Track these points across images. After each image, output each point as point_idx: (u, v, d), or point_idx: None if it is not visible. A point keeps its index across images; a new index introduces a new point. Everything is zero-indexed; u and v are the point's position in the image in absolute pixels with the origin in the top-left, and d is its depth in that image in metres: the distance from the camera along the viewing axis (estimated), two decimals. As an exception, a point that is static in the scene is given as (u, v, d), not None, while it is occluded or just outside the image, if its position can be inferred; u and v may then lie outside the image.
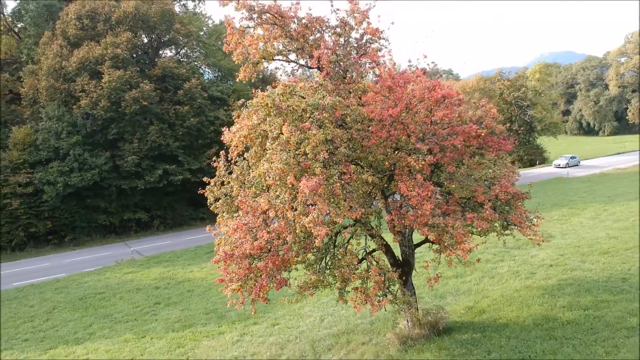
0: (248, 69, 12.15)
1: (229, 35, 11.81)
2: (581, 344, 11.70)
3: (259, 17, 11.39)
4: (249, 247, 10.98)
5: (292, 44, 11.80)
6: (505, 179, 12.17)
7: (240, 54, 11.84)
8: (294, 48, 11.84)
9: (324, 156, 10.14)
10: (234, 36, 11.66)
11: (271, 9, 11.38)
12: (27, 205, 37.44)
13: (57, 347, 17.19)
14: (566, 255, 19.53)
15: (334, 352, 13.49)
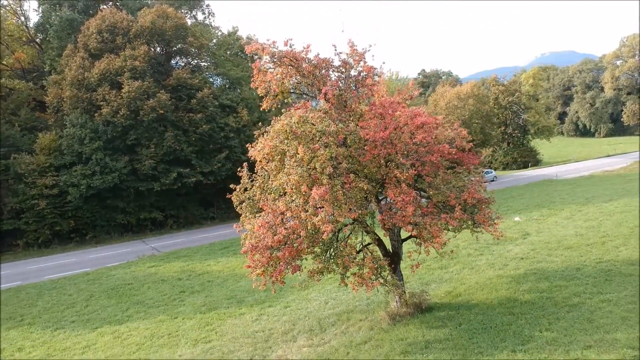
0: (270, 100, 15.31)
1: (255, 74, 14.98)
2: (531, 317, 14.82)
3: (279, 60, 14.54)
4: (270, 240, 14.10)
5: (304, 80, 14.94)
6: (472, 187, 15.28)
7: (263, 88, 15.00)
8: (305, 84, 14.99)
9: (329, 170, 13.28)
10: (259, 75, 14.83)
11: (288, 54, 14.53)
12: (52, 205, 40.66)
13: (102, 327, 20.33)
14: (536, 250, 22.65)
15: (337, 327, 16.62)
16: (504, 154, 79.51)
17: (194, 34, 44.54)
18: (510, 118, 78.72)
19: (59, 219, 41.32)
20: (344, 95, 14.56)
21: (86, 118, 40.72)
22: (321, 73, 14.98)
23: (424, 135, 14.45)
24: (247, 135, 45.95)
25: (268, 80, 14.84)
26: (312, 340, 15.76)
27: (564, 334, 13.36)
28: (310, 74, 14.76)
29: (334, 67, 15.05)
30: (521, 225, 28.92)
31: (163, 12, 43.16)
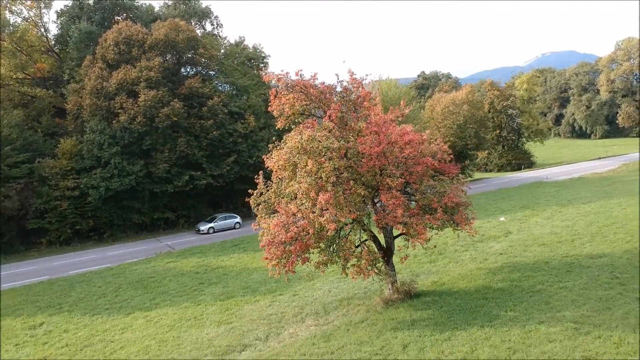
0: (283, 120, 18.34)
1: (272, 99, 18.04)
2: (500, 301, 17.82)
3: (291, 87, 17.57)
4: (283, 237, 17.15)
5: (311, 104, 17.97)
6: (452, 192, 18.29)
7: (278, 110, 18.04)
8: (312, 106, 18.01)
9: (333, 179, 16.34)
10: (275, 100, 17.88)
11: (298, 82, 17.56)
12: (73, 206, 43.67)
13: (134, 313, 23.39)
14: (514, 247, 25.67)
15: (339, 310, 19.65)
16: (499, 156, 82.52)
17: (205, 45, 47.55)
18: (505, 121, 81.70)
19: (79, 218, 44.32)
20: (345, 117, 17.59)
21: (105, 125, 43.72)
22: (326, 97, 18.00)
23: (410, 150, 17.49)
24: (254, 140, 49.10)
25: (282, 104, 17.85)
26: (318, 321, 18.79)
27: (524, 313, 16.39)
28: (316, 98, 17.81)
29: (336, 93, 18.07)
30: (505, 224, 31.94)
31: (176, 25, 46.16)
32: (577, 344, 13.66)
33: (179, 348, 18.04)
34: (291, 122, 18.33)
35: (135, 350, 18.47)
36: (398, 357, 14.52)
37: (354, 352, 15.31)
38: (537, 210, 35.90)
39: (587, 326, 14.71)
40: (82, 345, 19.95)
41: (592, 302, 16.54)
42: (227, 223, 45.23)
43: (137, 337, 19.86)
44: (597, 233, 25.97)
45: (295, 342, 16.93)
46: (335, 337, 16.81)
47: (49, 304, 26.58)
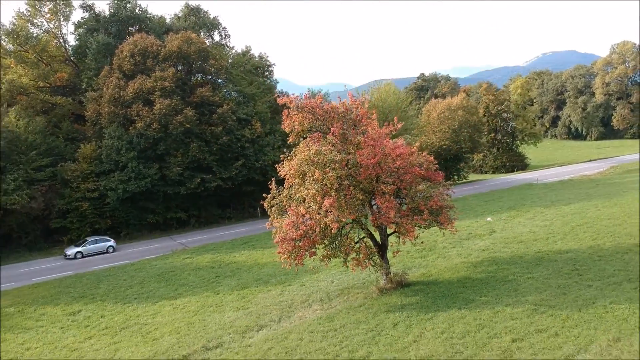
0: (294, 136, 21.60)
1: (284, 119, 21.31)
2: (477, 289, 21.08)
3: (301, 108, 20.84)
4: (294, 234, 20.40)
5: (317, 122, 21.23)
6: (437, 196, 21.54)
7: (289, 127, 21.30)
8: (318, 124, 21.27)
9: (336, 186, 19.59)
10: (287, 119, 21.16)
11: (307, 104, 20.83)
12: (93, 206, 47.02)
13: (161, 301, 26.67)
14: (495, 244, 28.92)
15: (341, 297, 22.90)
16: (494, 159, 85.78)
17: (215, 56, 50.84)
18: (500, 125, 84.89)
19: (98, 218, 47.68)
20: (346, 133, 20.85)
21: (122, 131, 47.03)
22: (330, 116, 21.27)
23: (401, 162, 20.77)
24: (260, 145, 52.38)
25: (293, 122, 21.12)
26: (322, 306, 22.06)
27: (495, 298, 19.66)
28: (322, 117, 21.07)
29: (339, 113, 21.33)
30: (491, 224, 35.19)
31: (188, 37, 49.44)
32: (533, 321, 16.90)
33: (205, 329, 21.32)
34: (300, 137, 21.57)
35: (167, 330, 21.75)
36: (389, 333, 17.78)
37: (352, 329, 18.57)
38: (522, 211, 39.12)
39: (544, 307, 17.95)
40: (120, 327, 23.25)
41: (552, 289, 19.79)
42: (99, 247, 42.61)
43: (167, 321, 23.15)
44: (569, 232, 29.23)
45: (303, 323, 20.20)
46: (337, 319, 20.07)
47: (82, 295, 29.88)
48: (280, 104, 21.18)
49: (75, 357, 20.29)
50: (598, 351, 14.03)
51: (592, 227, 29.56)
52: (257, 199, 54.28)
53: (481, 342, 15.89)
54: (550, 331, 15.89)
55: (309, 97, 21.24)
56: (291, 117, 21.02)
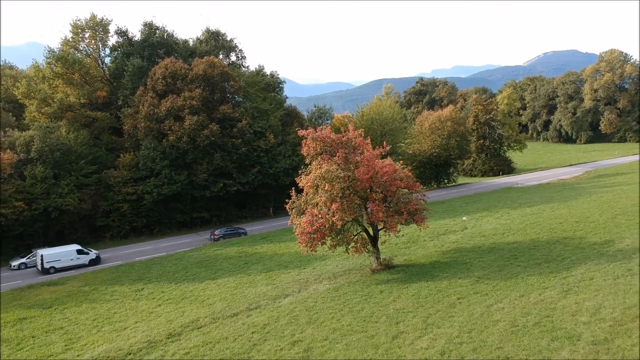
0: (310, 158, 29.66)
1: (303, 146, 29.40)
2: (442, 269, 29.13)
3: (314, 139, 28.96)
4: (309, 229, 28.52)
5: (326, 147, 29.35)
6: (414, 200, 29.65)
7: (306, 152, 29.42)
8: (327, 149, 29.38)
9: (340, 194, 27.73)
10: (305, 147, 29.26)
11: (319, 136, 28.94)
12: (131, 207, 55.21)
13: (206, 281, 34.80)
14: (464, 238, 37.01)
15: (344, 276, 30.97)
16: (482, 163, 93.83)
17: (234, 78, 58.93)
18: (488, 132, 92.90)
19: (135, 217, 55.90)
20: (348, 157, 28.99)
21: (156, 143, 55.17)
22: (336, 143, 29.40)
23: (387, 177, 28.87)
24: (273, 154, 60.50)
25: (309, 148, 29.27)
26: (330, 282, 30.15)
27: (453, 274, 27.75)
28: (329, 144, 29.22)
29: (342, 141, 29.46)
30: (465, 223, 43.26)
31: (212, 62, 57.56)
32: (474, 287, 24.98)
33: (245, 297, 29.45)
34: (313, 159, 29.68)
35: (217, 299, 29.90)
36: (377, 296, 25.90)
37: (352, 295, 26.67)
38: (493, 211, 47.18)
39: (483, 279, 26.04)
40: (179, 298, 31.43)
41: (493, 267, 27.89)
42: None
43: (215, 293, 31.32)
44: (521, 228, 37.30)
45: (317, 292, 28.32)
46: (341, 289, 28.18)
47: (140, 278, 38.05)
48: (300, 135, 29.32)
49: (152, 318, 28.40)
50: (507, 302, 22.13)
51: (539, 225, 37.64)
52: (270, 201, 63.36)
53: (437, 299, 24.02)
54: (482, 293, 23.99)
55: (321, 130, 29.41)
56: (308, 145, 29.16)
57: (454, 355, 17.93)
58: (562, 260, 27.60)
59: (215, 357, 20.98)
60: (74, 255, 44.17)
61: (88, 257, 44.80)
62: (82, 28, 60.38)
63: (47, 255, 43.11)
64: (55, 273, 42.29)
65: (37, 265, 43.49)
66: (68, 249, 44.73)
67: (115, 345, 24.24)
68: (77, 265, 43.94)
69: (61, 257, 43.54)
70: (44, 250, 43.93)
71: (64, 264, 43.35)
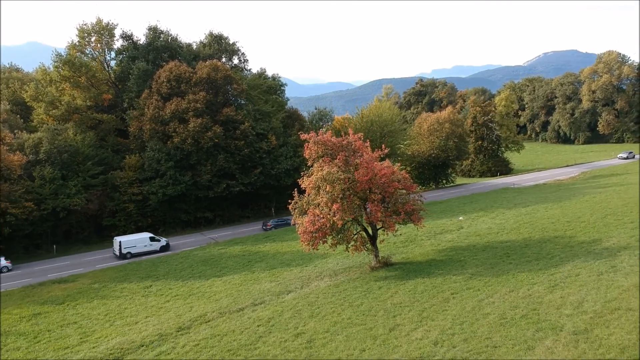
0: (312, 160, 31.09)
1: (306, 149, 30.82)
2: (438, 266, 30.55)
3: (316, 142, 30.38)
4: (311, 228, 29.96)
5: (328, 150, 30.78)
6: (412, 201, 31.08)
7: (309, 155, 30.84)
8: (328, 152, 30.81)
9: (340, 195, 29.16)
10: (307, 150, 30.68)
11: (321, 139, 30.36)
12: (137, 207, 56.65)
13: (211, 278, 36.23)
14: (460, 237, 38.43)
15: (344, 273, 32.39)
16: (480, 164, 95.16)
17: (237, 81, 60.35)
18: (486, 133, 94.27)
19: (141, 217, 57.35)
20: (348, 160, 30.43)
21: (161, 145, 56.60)
22: (336, 146, 30.84)
23: (385, 179, 30.29)
24: (275, 155, 61.90)
25: (311, 151, 30.70)
26: (331, 279, 31.58)
27: (447, 271, 29.18)
28: (331, 148, 30.66)
29: (343, 145, 30.89)
30: (461, 222, 44.68)
31: (215, 65, 59.00)
32: (467, 283, 26.41)
33: (250, 293, 30.87)
34: (315, 161, 31.12)
35: (223, 295, 31.34)
36: (375, 292, 27.33)
37: (352, 291, 28.09)
38: (489, 212, 48.61)
39: (476, 276, 27.47)
40: (187, 294, 32.87)
41: (486, 265, 29.33)
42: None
43: (221, 290, 32.76)
44: (515, 228, 38.72)
45: (318, 288, 29.76)
46: (341, 286, 29.61)
47: (147, 275, 39.47)
48: (302, 139, 30.75)
49: (162, 313, 29.83)
50: (498, 296, 23.56)
51: (532, 225, 39.06)
52: (271, 201, 64.69)
53: (432, 294, 25.45)
54: (475, 288, 25.42)
55: (323, 134, 30.84)
56: (310, 148, 30.61)
57: (446, 345, 19.35)
58: (552, 258, 29.04)
59: (223, 348, 22.41)
60: (147, 242, 47.85)
61: (159, 244, 48.35)
62: (88, 32, 61.82)
63: (125, 241, 46.85)
64: (131, 258, 45.92)
65: (115, 251, 47.23)
66: (142, 236, 48.45)
67: (128, 338, 25.66)
68: (149, 251, 47.37)
69: (136, 244, 47.34)
70: (122, 238, 47.77)
71: (138, 249, 47.05)
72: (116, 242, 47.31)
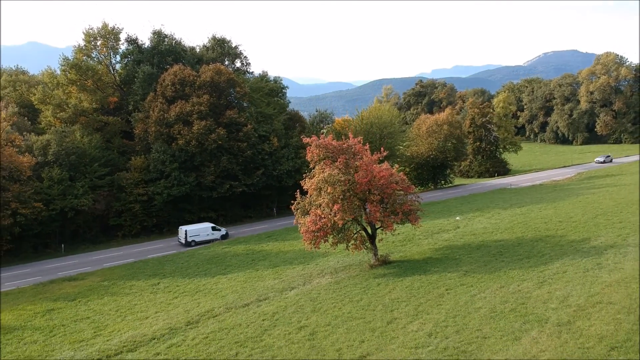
0: (314, 162, 32.53)
1: (308, 152, 32.28)
2: (433, 264, 31.99)
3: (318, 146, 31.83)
4: (313, 228, 31.42)
5: (329, 153, 32.23)
6: (409, 201, 32.52)
7: (310, 157, 32.29)
8: (329, 155, 32.26)
9: (341, 196, 30.62)
10: (309, 153, 32.13)
11: (322, 143, 31.82)
12: (142, 208, 58.09)
13: (217, 276, 37.66)
14: (456, 236, 39.88)
15: (344, 271, 33.83)
16: (479, 165, 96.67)
17: (240, 84, 61.83)
18: (484, 135, 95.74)
19: (146, 217, 58.79)
20: (348, 162, 31.88)
21: (166, 146, 58.05)
22: (337, 150, 32.29)
23: (384, 181, 31.75)
24: (277, 157, 63.37)
25: (313, 154, 32.15)
26: (332, 276, 33.03)
27: (443, 268, 30.63)
28: (332, 151, 32.11)
29: (343, 148, 32.35)
30: (458, 222, 46.12)
31: (218, 69, 60.46)
32: (461, 280, 27.84)
33: (255, 290, 32.32)
34: (316, 164, 32.57)
35: (229, 291, 32.79)
36: (374, 288, 28.77)
37: (352, 287, 29.55)
38: (485, 212, 50.05)
39: (470, 273, 28.91)
40: (194, 291, 34.32)
41: (479, 263, 30.78)
42: None
43: (227, 287, 34.21)
44: (509, 228, 40.17)
45: (320, 285, 31.21)
46: (342, 282, 31.06)
47: (154, 273, 40.91)
48: (305, 143, 32.22)
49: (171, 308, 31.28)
50: (489, 292, 25.01)
51: (526, 225, 40.52)
52: (273, 201, 66.16)
53: (427, 290, 26.91)
54: (468, 284, 26.88)
55: (324, 137, 32.33)
56: (312, 151, 32.09)
57: (439, 336, 20.80)
58: (542, 256, 30.50)
59: (231, 340, 23.86)
60: (209, 231, 52.21)
61: (220, 233, 52.49)
62: (94, 36, 63.29)
63: (190, 230, 51.26)
64: (195, 245, 50.14)
65: (181, 239, 51.59)
66: (205, 225, 52.97)
67: (140, 332, 27.10)
68: (211, 240, 51.49)
69: (200, 233, 51.63)
70: (187, 227, 52.11)
71: (202, 238, 51.31)
72: (182, 231, 51.36)
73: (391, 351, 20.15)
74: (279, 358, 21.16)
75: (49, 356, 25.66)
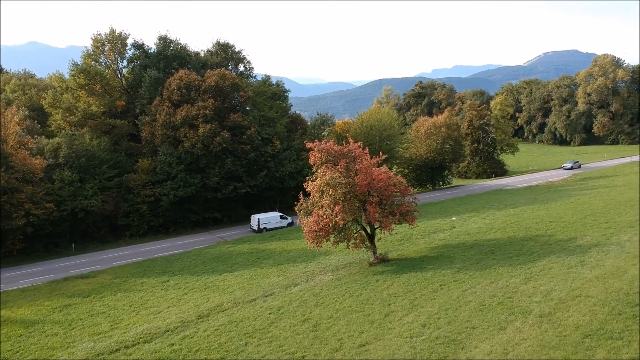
0: (316, 166, 34.47)
1: (311, 156, 34.22)
2: (429, 262, 33.94)
3: (320, 150, 33.77)
4: (316, 227, 33.37)
5: (330, 157, 34.18)
6: (406, 202, 34.46)
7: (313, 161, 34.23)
8: (331, 159, 34.21)
9: (342, 198, 32.57)
10: (312, 157, 34.06)
11: (324, 147, 33.76)
12: (150, 208, 60.05)
13: (223, 274, 39.61)
14: (451, 235, 41.82)
15: (345, 269, 35.77)
16: (476, 166, 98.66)
17: (243, 88, 63.77)
18: (482, 136, 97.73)
19: (153, 217, 60.75)
20: (349, 166, 33.84)
21: (172, 149, 60.00)
22: (338, 154, 34.24)
23: (382, 183, 33.69)
24: (279, 159, 65.31)
25: (315, 158, 34.10)
26: (333, 273, 34.97)
27: (437, 266, 32.58)
28: (333, 155, 34.07)
29: (344, 152, 34.29)
30: (454, 222, 48.06)
31: (223, 74, 62.41)
32: (454, 276, 29.78)
33: (261, 286, 34.27)
34: (319, 167, 34.52)
35: (236, 288, 34.75)
36: (373, 284, 30.72)
37: (352, 283, 31.50)
38: (480, 212, 51.98)
39: (463, 270, 30.85)
40: (203, 288, 36.27)
41: (472, 260, 32.73)
42: None
43: (234, 283, 36.16)
44: (502, 227, 42.12)
45: (322, 281, 33.17)
46: (343, 279, 33.02)
47: (163, 271, 42.86)
48: (307, 147, 34.16)
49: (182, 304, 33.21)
50: (480, 287, 26.96)
51: (518, 225, 42.47)
52: (276, 202, 68.09)
53: (423, 286, 28.86)
54: (461, 280, 28.82)
55: (326, 142, 34.34)
56: (314, 155, 34.06)
57: (432, 327, 22.75)
58: (531, 254, 32.45)
59: (240, 332, 25.81)
60: (278, 220, 57.58)
61: (287, 221, 57.40)
62: (102, 42, 65.24)
63: (262, 218, 56.74)
64: (266, 232, 55.20)
65: (253, 226, 56.99)
66: (274, 214, 58.35)
67: (154, 325, 29.05)
68: (280, 227, 56.77)
69: (270, 221, 56.94)
70: (260, 215, 57.73)
71: (272, 225, 56.55)
72: (254, 219, 57.02)
73: (388, 340, 22.09)
74: (285, 347, 23.11)
75: (70, 347, 27.61)
